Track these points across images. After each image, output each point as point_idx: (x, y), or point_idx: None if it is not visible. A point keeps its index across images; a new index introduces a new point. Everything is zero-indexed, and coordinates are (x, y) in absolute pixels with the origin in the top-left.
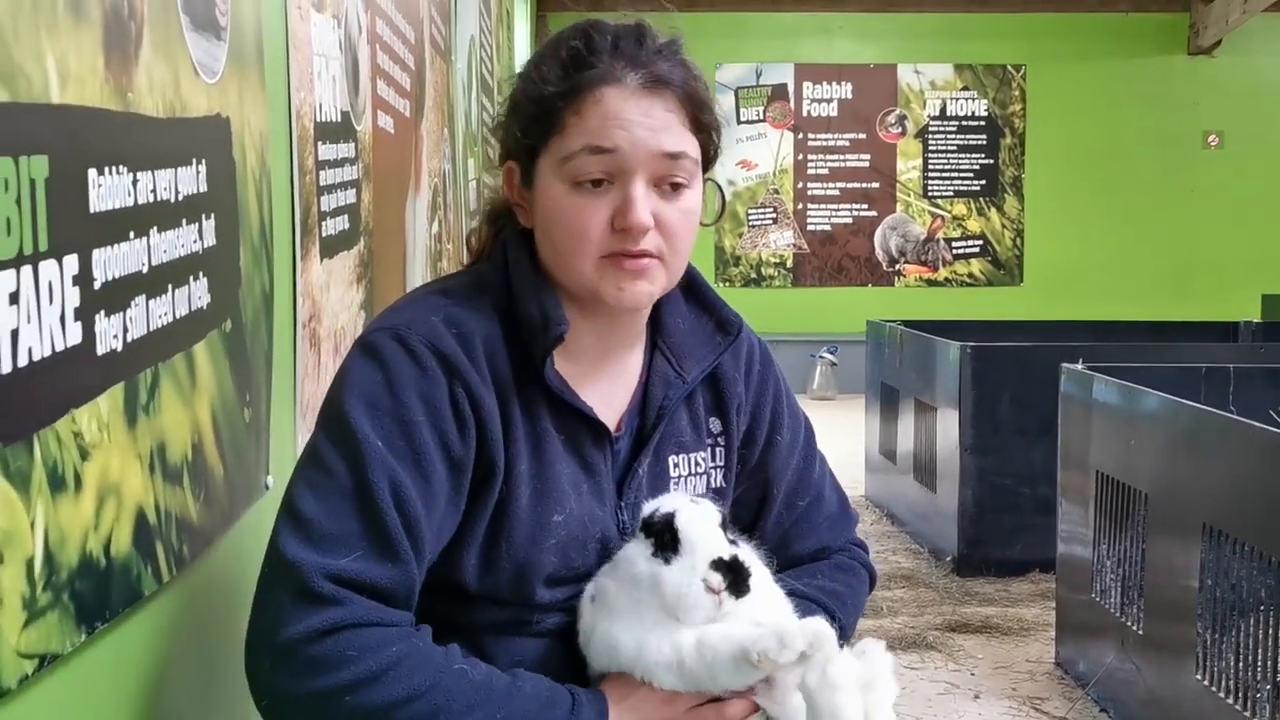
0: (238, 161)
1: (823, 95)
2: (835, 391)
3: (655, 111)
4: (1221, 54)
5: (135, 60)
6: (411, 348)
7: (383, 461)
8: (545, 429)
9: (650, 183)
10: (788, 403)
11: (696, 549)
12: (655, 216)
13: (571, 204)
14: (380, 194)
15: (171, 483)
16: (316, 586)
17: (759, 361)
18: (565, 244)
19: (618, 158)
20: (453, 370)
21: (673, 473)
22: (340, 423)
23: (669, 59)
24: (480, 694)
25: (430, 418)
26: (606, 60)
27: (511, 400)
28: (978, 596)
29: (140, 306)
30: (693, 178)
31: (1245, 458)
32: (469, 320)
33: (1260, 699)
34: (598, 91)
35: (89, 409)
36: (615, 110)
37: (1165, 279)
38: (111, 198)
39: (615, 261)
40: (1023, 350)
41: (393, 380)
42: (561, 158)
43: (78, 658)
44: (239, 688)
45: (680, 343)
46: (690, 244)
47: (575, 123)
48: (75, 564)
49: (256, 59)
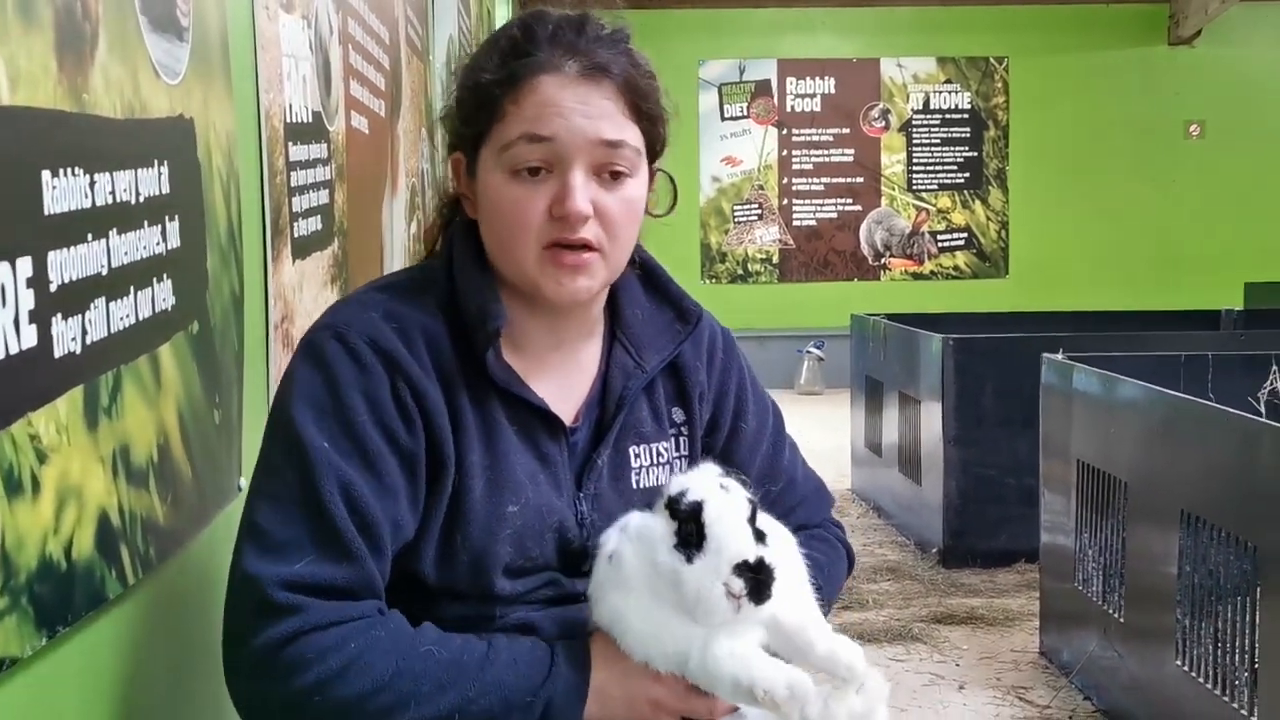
0: (203, 162)
1: (806, 90)
2: (822, 386)
3: (593, 99)
4: (1202, 44)
5: (91, 61)
6: (351, 346)
7: (330, 464)
8: (497, 420)
9: (590, 171)
10: (752, 389)
11: (723, 550)
12: (595, 205)
13: (510, 193)
14: (355, 194)
15: (136, 485)
16: (273, 597)
17: (721, 349)
18: (505, 234)
19: (555, 146)
20: (394, 365)
21: (633, 463)
22: (287, 431)
23: (610, 48)
24: (450, 672)
25: (375, 415)
26: (545, 49)
27: (459, 392)
28: (963, 588)
29: (100, 309)
30: (635, 167)
31: (1221, 445)
32: (409, 315)
33: (1239, 684)
34: (535, 80)
35: (46, 412)
36: (552, 98)
37: (1149, 268)
38: (67, 199)
39: (555, 256)
40: (1005, 342)
41: (335, 382)
42: (500, 146)
43: (40, 661)
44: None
45: (639, 333)
46: (633, 235)
47: (513, 111)
48: (34, 567)
49: (222, 60)
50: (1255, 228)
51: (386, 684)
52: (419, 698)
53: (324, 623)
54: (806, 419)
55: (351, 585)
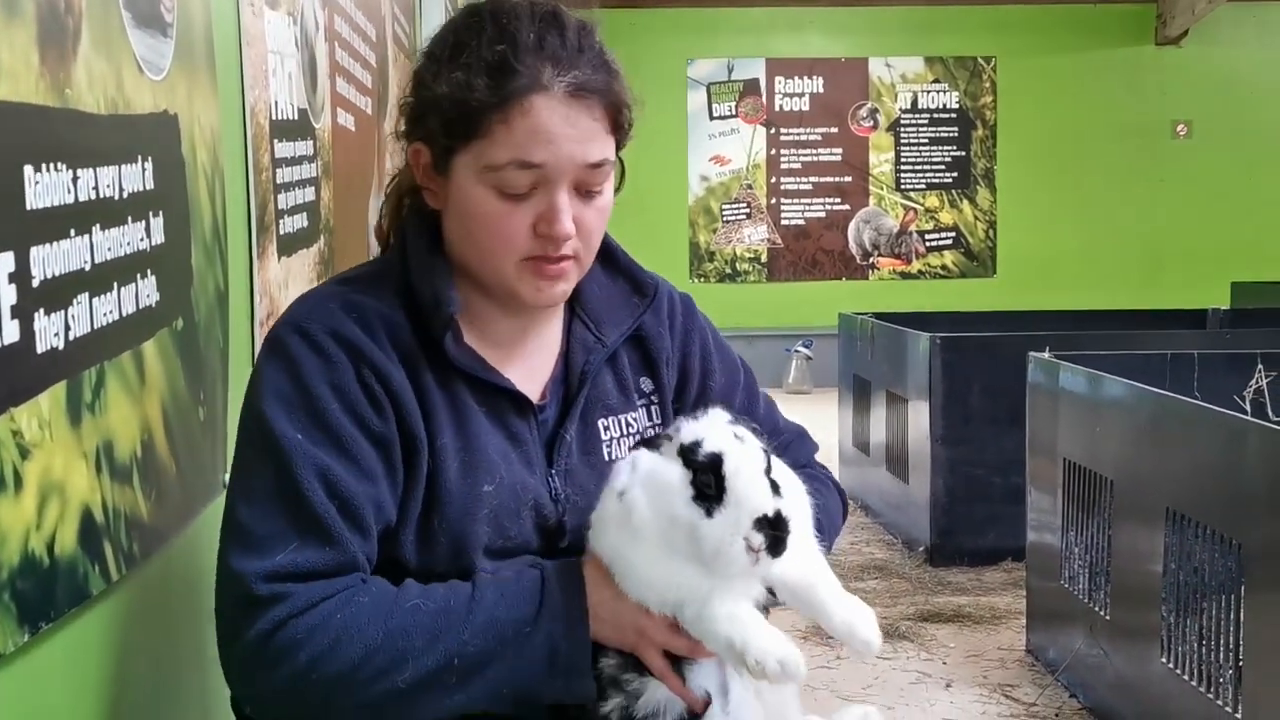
0: (187, 159)
1: (794, 90)
2: (811, 385)
3: (581, 122)
4: (1189, 44)
5: (73, 56)
6: (313, 337)
7: (305, 454)
8: (465, 403)
9: (572, 189)
10: (718, 349)
11: (743, 504)
12: (576, 221)
13: (495, 209)
14: (341, 191)
15: (120, 481)
16: (257, 590)
17: (681, 314)
18: (487, 245)
19: (544, 171)
20: (356, 353)
21: (603, 436)
22: (259, 427)
23: (591, 59)
24: (440, 622)
25: (344, 403)
26: (531, 63)
27: (424, 377)
28: (950, 586)
29: (83, 305)
30: (609, 177)
31: (1206, 442)
32: (368, 304)
33: (1223, 681)
34: (526, 101)
35: (29, 408)
36: (543, 124)
37: (1136, 268)
38: (50, 195)
39: (536, 266)
40: (992, 340)
41: (300, 374)
42: (486, 165)
43: (22, 657)
44: (197, 685)
45: (597, 308)
46: (602, 234)
47: (503, 132)
48: (16, 563)
49: (206, 56)
50: (1241, 227)
51: (379, 647)
52: (413, 653)
53: (307, 605)
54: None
55: (336, 568)
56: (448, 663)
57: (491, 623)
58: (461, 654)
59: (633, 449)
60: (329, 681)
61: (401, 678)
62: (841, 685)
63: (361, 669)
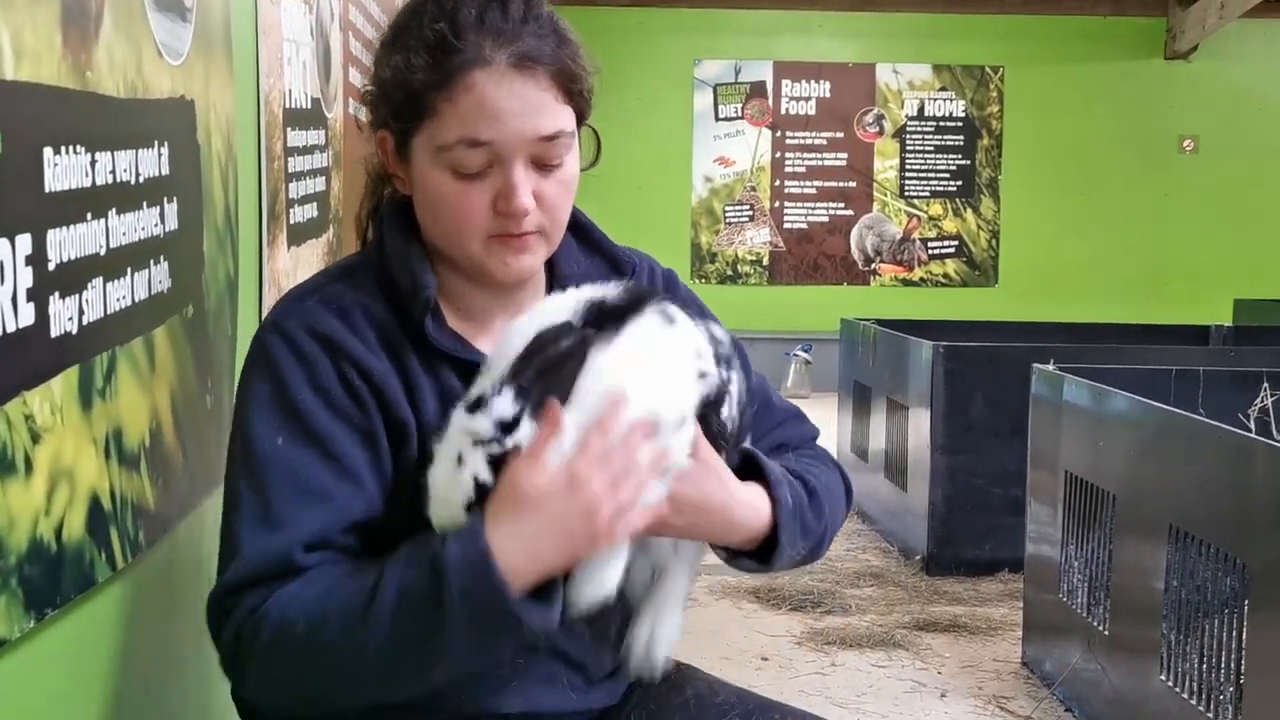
0: (202, 145)
1: (801, 93)
2: (809, 389)
3: (528, 94)
4: (1198, 59)
5: (95, 39)
6: (290, 337)
7: (284, 463)
8: (451, 386)
9: (528, 163)
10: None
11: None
12: (536, 195)
13: (453, 190)
14: (351, 182)
15: (128, 469)
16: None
17: (661, 285)
18: (451, 225)
19: (494, 148)
20: (333, 347)
21: None
22: (242, 434)
23: (537, 30)
24: (357, 583)
25: (324, 400)
26: (472, 39)
27: (408, 360)
28: (946, 595)
29: (97, 289)
30: (569, 149)
31: (1212, 460)
32: (346, 294)
33: (1224, 700)
34: (469, 77)
35: (41, 391)
36: (487, 99)
37: (1139, 282)
38: (68, 177)
39: (501, 241)
40: (995, 350)
41: (280, 379)
42: (438, 146)
43: (28, 643)
44: (199, 675)
45: (574, 285)
46: (569, 205)
47: (449, 110)
48: (24, 549)
49: (224, 42)
50: (1245, 244)
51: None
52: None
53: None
54: None
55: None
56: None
57: (386, 624)
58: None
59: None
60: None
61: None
62: (835, 693)
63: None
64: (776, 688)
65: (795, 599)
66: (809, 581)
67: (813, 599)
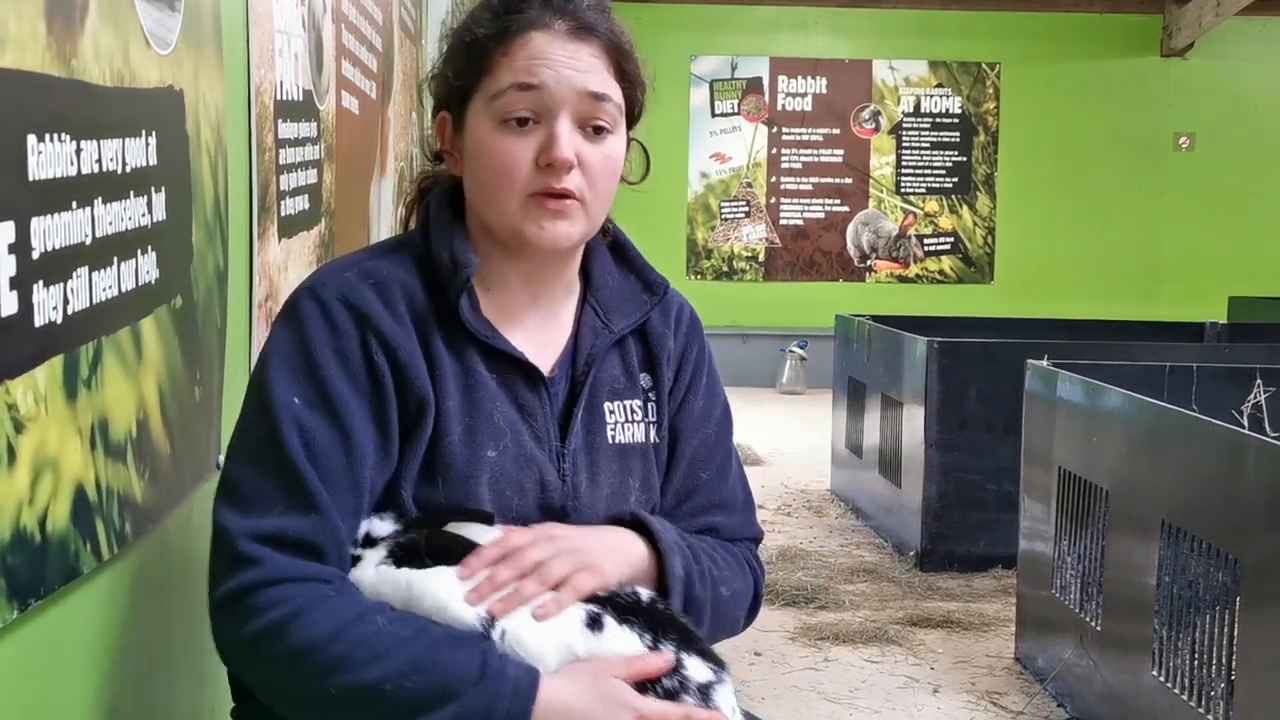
0: (191, 136)
1: (797, 90)
2: (804, 386)
3: (581, 55)
4: (1194, 56)
5: (81, 27)
6: (324, 303)
7: (297, 420)
8: (477, 369)
9: (575, 122)
10: (709, 374)
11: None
12: (579, 156)
13: (499, 142)
14: (343, 175)
15: (114, 459)
16: (240, 548)
17: (687, 321)
18: (492, 181)
19: (543, 95)
20: (364, 320)
21: (608, 419)
22: (260, 388)
23: (596, 10)
24: (385, 642)
25: (345, 371)
26: (536, 7)
27: (435, 341)
28: (940, 591)
29: (82, 278)
30: (616, 124)
31: (1204, 455)
32: (384, 269)
33: (1215, 695)
34: (526, 35)
35: (25, 380)
36: (542, 50)
37: (1134, 279)
38: (52, 165)
39: (539, 200)
40: (989, 347)
41: (307, 341)
42: (490, 96)
43: (11, 634)
44: (188, 666)
45: (608, 298)
46: (612, 190)
47: (504, 62)
48: (7, 539)
49: (214, 32)
50: (1240, 241)
51: (323, 644)
52: (351, 663)
53: (278, 578)
54: (787, 418)
55: (314, 539)
56: (380, 684)
57: (434, 653)
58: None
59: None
60: (272, 657)
61: (334, 683)
62: (828, 688)
63: (302, 658)
64: (770, 683)
65: (788, 594)
66: (802, 577)
67: (806, 594)
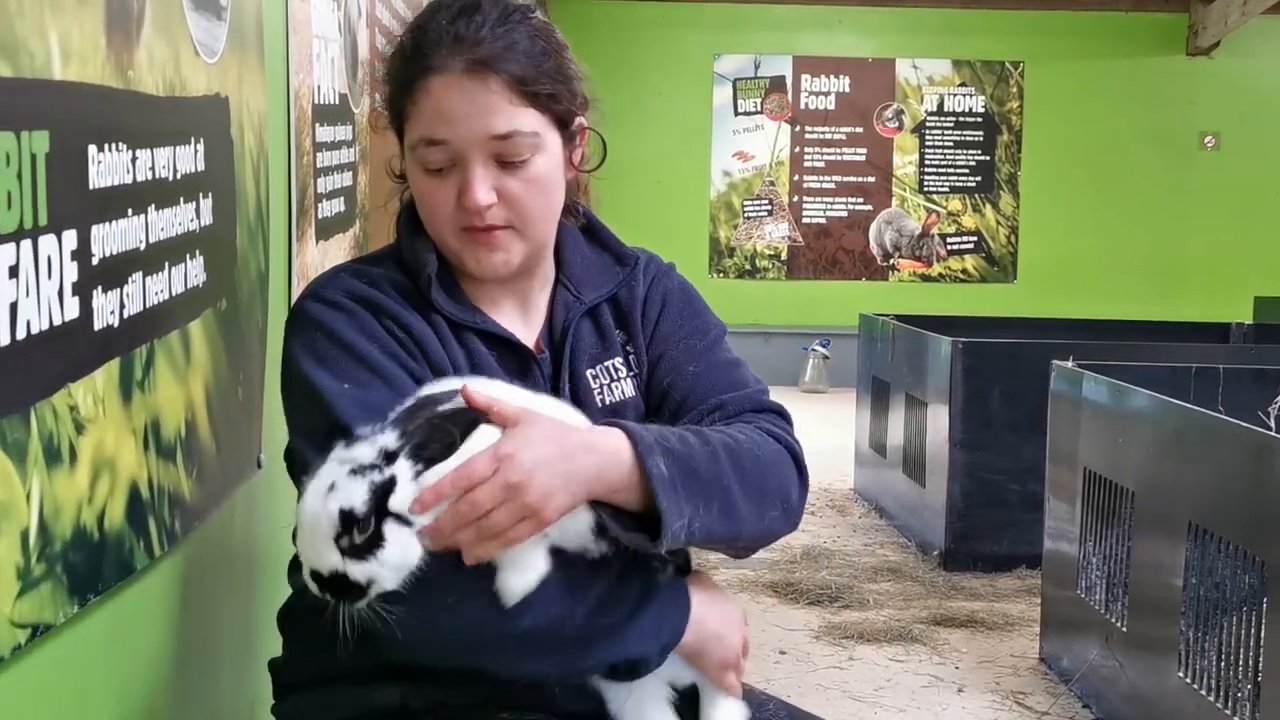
0: (236, 141)
1: (821, 88)
2: (827, 385)
3: (479, 96)
4: (1220, 55)
5: (136, 39)
6: (333, 300)
7: (350, 396)
8: (478, 350)
9: (490, 160)
10: (681, 299)
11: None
12: (498, 191)
13: (425, 185)
14: (377, 178)
15: (165, 459)
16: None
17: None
18: (427, 219)
19: (450, 148)
20: (374, 306)
21: (593, 385)
22: (301, 385)
23: (500, 35)
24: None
25: (377, 344)
26: (432, 49)
27: (439, 325)
28: (964, 591)
29: (137, 283)
30: (536, 147)
31: (1231, 457)
32: (375, 272)
33: (1241, 698)
34: (426, 83)
35: (85, 384)
36: (441, 102)
37: (1159, 279)
38: (111, 174)
39: (470, 235)
40: (1014, 346)
41: (329, 331)
42: (410, 146)
43: (70, 629)
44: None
45: (579, 274)
46: (548, 206)
47: (413, 112)
48: (69, 536)
49: (256, 40)
50: (1267, 241)
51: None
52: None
53: None
54: (810, 417)
55: None
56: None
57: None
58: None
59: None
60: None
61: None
62: (853, 686)
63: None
64: (794, 681)
65: (813, 593)
66: (826, 576)
67: (830, 593)
